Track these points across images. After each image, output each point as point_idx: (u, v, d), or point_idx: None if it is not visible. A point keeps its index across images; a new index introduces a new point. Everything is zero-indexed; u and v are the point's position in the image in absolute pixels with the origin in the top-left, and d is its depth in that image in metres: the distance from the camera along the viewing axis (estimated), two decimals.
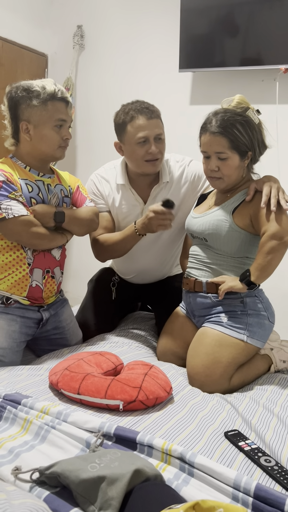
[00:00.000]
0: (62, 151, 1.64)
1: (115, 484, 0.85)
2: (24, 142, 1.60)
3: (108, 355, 1.48)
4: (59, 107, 1.57)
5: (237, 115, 1.53)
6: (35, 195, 1.60)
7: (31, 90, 1.54)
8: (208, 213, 1.65)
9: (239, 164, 1.57)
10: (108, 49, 3.29)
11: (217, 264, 1.63)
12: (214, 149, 1.55)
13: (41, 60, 3.44)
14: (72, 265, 3.46)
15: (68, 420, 1.12)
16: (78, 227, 1.69)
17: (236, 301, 1.60)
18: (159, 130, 1.73)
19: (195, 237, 1.71)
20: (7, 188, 1.51)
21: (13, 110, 1.57)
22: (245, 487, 0.92)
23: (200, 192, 1.87)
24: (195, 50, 2.81)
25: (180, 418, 1.23)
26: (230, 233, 1.58)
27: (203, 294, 1.65)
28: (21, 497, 0.69)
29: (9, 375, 1.43)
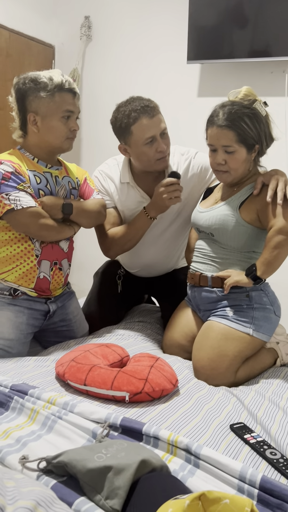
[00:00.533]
0: (69, 142, 1.63)
1: (122, 474, 0.86)
2: (32, 134, 1.60)
3: (115, 347, 1.48)
4: (67, 98, 1.56)
5: (244, 107, 1.51)
6: (43, 187, 1.60)
7: (39, 81, 1.53)
8: (215, 208, 1.64)
9: (246, 157, 1.56)
10: (115, 40, 3.27)
11: (223, 259, 1.63)
12: (221, 142, 1.53)
13: (48, 51, 3.43)
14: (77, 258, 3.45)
15: (74, 411, 1.13)
16: (85, 219, 1.69)
17: (242, 295, 1.59)
18: (163, 124, 1.71)
19: (201, 232, 1.71)
20: (15, 180, 1.51)
21: (21, 102, 1.57)
22: (250, 479, 0.93)
23: (207, 183, 1.85)
24: (204, 41, 2.79)
25: (186, 410, 1.24)
26: (236, 228, 1.57)
27: (208, 288, 1.65)
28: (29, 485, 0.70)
29: (16, 366, 1.45)
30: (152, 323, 2.01)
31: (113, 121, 1.74)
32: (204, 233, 1.69)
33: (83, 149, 3.47)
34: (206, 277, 1.65)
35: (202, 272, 1.67)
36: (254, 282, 1.52)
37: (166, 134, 1.73)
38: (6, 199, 1.49)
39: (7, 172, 1.50)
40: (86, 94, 3.42)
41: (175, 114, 3.02)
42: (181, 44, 2.90)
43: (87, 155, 3.45)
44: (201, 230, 1.70)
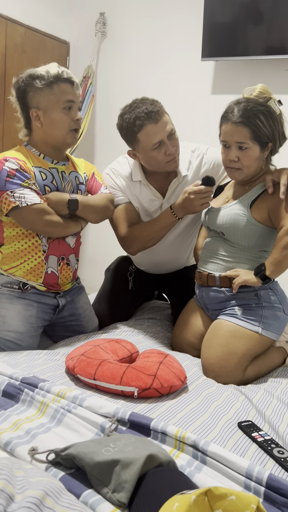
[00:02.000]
0: (73, 135, 1.62)
1: (129, 468, 0.87)
2: (37, 130, 1.60)
3: (124, 343, 1.49)
4: (65, 88, 1.56)
5: (259, 105, 1.51)
6: (49, 183, 1.61)
7: (35, 75, 1.54)
8: (226, 207, 1.64)
9: (259, 155, 1.55)
10: (130, 37, 3.26)
11: (233, 257, 1.62)
12: (235, 139, 1.53)
13: (63, 47, 3.44)
14: (88, 253, 3.48)
15: (83, 405, 1.14)
16: (92, 214, 1.68)
17: (250, 294, 1.59)
18: (170, 126, 1.68)
19: (211, 230, 1.70)
20: (20, 177, 1.52)
21: (22, 100, 1.58)
22: (257, 477, 0.93)
23: (220, 179, 1.84)
24: (218, 38, 2.77)
25: (194, 407, 1.24)
26: (248, 227, 1.56)
27: (217, 288, 1.65)
28: (38, 475, 0.71)
29: (26, 359, 1.46)
30: (162, 320, 2.01)
31: (119, 128, 1.74)
32: (214, 232, 1.68)
33: (97, 145, 3.48)
34: (214, 277, 1.64)
35: (209, 272, 1.66)
36: (263, 282, 1.52)
37: (173, 135, 1.71)
38: (11, 197, 1.51)
39: (12, 170, 1.51)
40: (100, 91, 3.42)
41: (189, 111, 3.01)
42: (196, 41, 2.89)
43: (101, 152, 3.46)
44: (211, 229, 1.69)
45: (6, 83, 2.97)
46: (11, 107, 1.66)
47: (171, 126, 1.69)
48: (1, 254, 1.63)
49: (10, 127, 2.96)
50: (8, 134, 3.02)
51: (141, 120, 1.64)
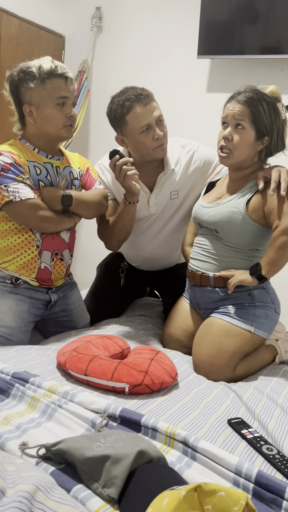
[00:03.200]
0: (68, 130, 1.61)
1: (119, 463, 0.87)
2: (30, 125, 1.59)
3: (116, 339, 1.49)
4: (58, 84, 1.53)
5: (267, 96, 1.52)
6: (43, 178, 1.60)
7: (28, 71, 1.51)
8: (221, 203, 1.62)
9: (253, 143, 1.54)
10: (126, 32, 3.25)
11: (225, 256, 1.62)
12: (235, 115, 1.52)
13: (59, 41, 3.41)
14: (80, 249, 3.48)
15: (74, 400, 1.14)
16: (86, 210, 1.68)
17: (244, 293, 1.60)
18: (158, 112, 1.69)
19: (203, 227, 1.68)
20: (14, 171, 1.51)
21: (15, 94, 1.56)
22: (246, 473, 0.94)
23: (209, 178, 1.84)
24: (215, 36, 2.77)
25: (185, 404, 1.25)
26: (242, 225, 1.56)
27: (210, 288, 1.65)
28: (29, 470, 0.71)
29: (17, 354, 1.46)
30: (153, 317, 2.02)
31: (108, 113, 1.75)
32: (206, 229, 1.67)
33: (91, 140, 3.46)
34: (207, 277, 1.64)
35: (203, 271, 1.66)
36: (259, 282, 1.53)
37: (162, 121, 1.71)
38: (5, 191, 1.49)
39: (6, 164, 1.50)
40: (95, 86, 3.41)
41: (184, 108, 3.01)
42: (192, 39, 2.89)
43: (95, 146, 3.44)
44: (203, 226, 1.68)
45: (0, 76, 2.95)
46: (4, 101, 1.64)
47: (159, 112, 1.69)
48: None
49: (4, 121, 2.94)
50: (2, 128, 2.99)
51: (130, 102, 1.65)
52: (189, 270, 1.73)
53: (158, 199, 1.83)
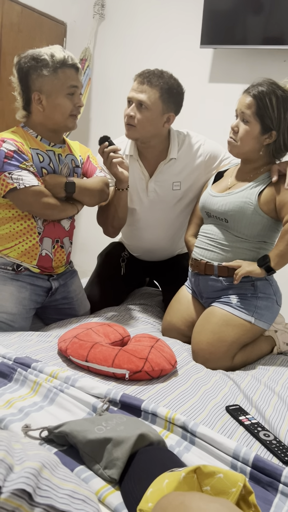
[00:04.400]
0: (73, 120, 1.62)
1: (121, 446, 0.89)
2: (37, 113, 1.59)
3: (116, 327, 1.51)
4: (70, 74, 1.55)
5: (280, 89, 1.51)
6: (46, 165, 1.61)
7: (40, 58, 1.51)
8: (232, 193, 1.62)
9: (258, 136, 1.54)
10: (128, 20, 3.22)
11: (232, 247, 1.62)
12: (242, 108, 1.53)
13: (60, 28, 3.38)
14: (80, 239, 3.48)
15: (76, 385, 1.16)
16: (88, 197, 1.69)
17: (247, 284, 1.61)
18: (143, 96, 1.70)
19: (211, 216, 1.68)
20: (18, 158, 1.51)
21: (24, 81, 1.55)
22: (244, 457, 0.96)
23: (212, 172, 1.85)
24: (218, 26, 2.75)
25: (184, 391, 1.27)
26: (253, 216, 1.56)
27: (214, 277, 1.66)
28: (35, 448, 0.73)
29: (19, 340, 1.48)
30: (153, 306, 2.03)
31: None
32: (215, 218, 1.66)
33: (92, 128, 3.45)
34: (212, 266, 1.65)
35: (207, 260, 1.67)
36: (267, 274, 1.54)
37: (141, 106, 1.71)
38: (9, 178, 1.50)
39: (10, 151, 1.50)
40: (97, 74, 3.39)
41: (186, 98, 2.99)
42: (195, 28, 2.87)
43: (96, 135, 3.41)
44: (212, 215, 1.67)
45: (1, 63, 2.93)
46: (6, 88, 1.63)
47: (144, 97, 1.69)
48: None
49: (5, 108, 2.93)
50: (3, 115, 2.98)
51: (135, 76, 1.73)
52: (193, 258, 1.74)
53: (157, 186, 1.84)
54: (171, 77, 1.75)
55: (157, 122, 1.73)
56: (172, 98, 1.73)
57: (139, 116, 1.71)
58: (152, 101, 1.69)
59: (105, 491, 0.84)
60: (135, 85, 1.72)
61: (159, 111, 1.71)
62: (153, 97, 1.69)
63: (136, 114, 1.71)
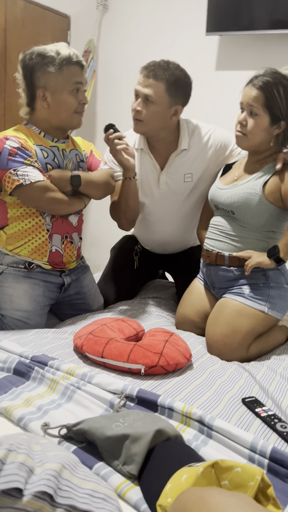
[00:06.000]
0: (78, 117, 1.63)
1: (138, 441, 0.90)
2: (41, 110, 1.59)
3: (130, 322, 1.52)
4: (75, 71, 1.55)
5: (285, 79, 1.49)
6: (50, 161, 1.61)
7: (46, 55, 1.51)
8: (237, 185, 1.62)
9: (267, 128, 1.53)
10: (132, 10, 3.19)
11: (242, 237, 1.62)
12: (249, 101, 1.51)
13: (64, 21, 3.36)
14: (91, 233, 3.50)
15: (92, 382, 1.17)
16: (95, 190, 1.69)
17: (259, 274, 1.60)
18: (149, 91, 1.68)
19: (219, 209, 1.69)
20: (22, 155, 1.52)
21: (29, 78, 1.56)
22: (261, 450, 0.97)
23: (224, 161, 1.84)
24: (223, 12, 2.71)
25: (199, 384, 1.28)
26: (259, 207, 1.56)
27: (225, 267, 1.66)
28: (54, 449, 0.75)
29: (35, 338, 1.50)
30: (166, 299, 2.04)
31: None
32: (223, 211, 1.67)
33: (98, 121, 3.44)
34: (223, 256, 1.65)
35: (218, 250, 1.67)
36: (277, 264, 1.53)
37: (148, 100, 1.69)
38: (14, 175, 1.51)
39: (14, 148, 1.51)
40: (102, 66, 3.37)
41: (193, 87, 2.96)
42: (200, 16, 2.83)
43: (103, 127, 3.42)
44: (220, 207, 1.68)
45: (6, 58, 2.93)
46: (12, 84, 1.63)
47: (150, 91, 1.67)
48: (5, 235, 1.65)
49: (12, 104, 2.93)
50: (10, 111, 2.99)
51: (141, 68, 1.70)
52: (204, 249, 1.75)
53: (169, 178, 1.84)
54: (178, 68, 1.71)
55: (164, 116, 1.72)
56: (179, 90, 1.71)
57: (145, 110, 1.70)
58: (158, 95, 1.67)
59: (125, 487, 0.86)
60: (140, 78, 1.70)
61: (165, 105, 1.70)
62: (159, 91, 1.67)
63: (142, 108, 1.70)
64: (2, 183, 1.55)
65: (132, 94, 1.75)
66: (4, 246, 1.65)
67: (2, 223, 1.65)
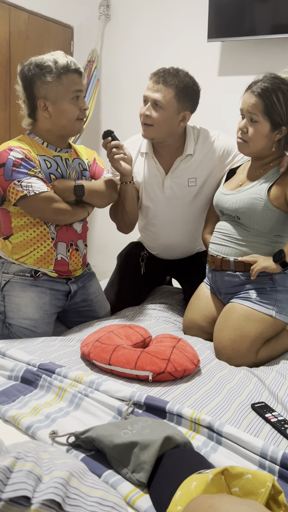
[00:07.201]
0: (80, 124, 1.64)
1: (147, 449, 0.90)
2: (43, 120, 1.60)
3: (137, 328, 1.52)
4: (74, 79, 1.56)
5: (284, 84, 1.49)
6: (54, 171, 1.62)
7: (44, 66, 1.52)
8: (242, 190, 1.62)
9: (268, 134, 1.53)
10: (134, 18, 3.22)
11: (247, 242, 1.62)
12: (249, 108, 1.52)
13: (67, 32, 3.40)
14: (98, 240, 3.50)
15: (100, 389, 1.17)
16: (98, 199, 1.70)
17: (265, 278, 1.59)
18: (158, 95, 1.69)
19: (225, 214, 1.69)
20: (26, 166, 1.53)
21: (29, 89, 1.57)
22: (272, 456, 0.95)
23: (227, 167, 1.85)
24: (224, 18, 2.72)
25: (208, 390, 1.27)
26: (264, 212, 1.55)
27: (231, 272, 1.65)
28: (62, 457, 0.74)
29: (42, 346, 1.49)
30: (173, 305, 2.03)
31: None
32: (228, 216, 1.67)
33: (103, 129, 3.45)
34: (228, 261, 1.64)
35: (223, 256, 1.67)
36: (283, 268, 1.52)
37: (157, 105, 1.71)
38: (18, 186, 1.52)
39: (18, 159, 1.52)
40: (105, 75, 3.39)
41: None
42: (202, 23, 2.84)
43: None
44: (225, 213, 1.68)
45: (11, 70, 2.96)
46: (17, 95, 1.65)
47: (159, 96, 1.69)
48: (10, 244, 1.65)
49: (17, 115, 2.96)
50: (15, 123, 3.01)
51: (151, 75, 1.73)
52: (209, 254, 1.74)
53: (173, 182, 1.85)
54: (187, 75, 1.74)
55: (172, 121, 1.74)
56: (187, 96, 1.72)
57: (154, 115, 1.71)
58: (167, 100, 1.69)
59: (134, 495, 0.85)
60: (150, 84, 1.72)
61: (174, 110, 1.72)
62: (168, 96, 1.69)
63: (151, 113, 1.72)
64: (6, 193, 1.56)
65: (135, 101, 1.77)
66: (10, 255, 1.66)
67: (7, 233, 1.66)
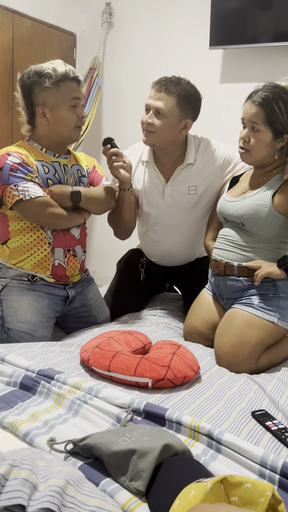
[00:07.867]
0: (78, 131, 1.65)
1: (146, 457, 0.89)
2: (41, 126, 1.62)
3: (137, 334, 1.51)
4: (72, 87, 1.58)
5: (285, 93, 1.50)
6: (51, 176, 1.63)
7: (43, 73, 1.55)
8: (246, 197, 1.62)
9: (271, 142, 1.54)
10: (137, 26, 3.24)
11: (251, 247, 1.61)
12: (250, 118, 1.52)
13: (70, 39, 3.42)
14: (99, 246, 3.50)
15: (99, 396, 1.16)
16: (95, 205, 1.71)
17: (268, 284, 1.59)
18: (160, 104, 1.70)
19: (229, 221, 1.68)
20: (23, 170, 1.54)
21: (28, 96, 1.59)
22: (272, 465, 0.94)
23: (227, 175, 1.85)
24: (226, 26, 2.74)
25: (208, 397, 1.26)
26: (269, 218, 1.55)
27: (234, 277, 1.64)
28: (59, 465, 0.74)
29: (42, 351, 1.49)
30: (173, 311, 2.03)
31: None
32: (232, 223, 1.67)
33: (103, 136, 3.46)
34: (232, 266, 1.64)
35: (227, 260, 1.66)
36: (287, 274, 1.52)
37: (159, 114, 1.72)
38: (15, 190, 1.53)
39: (15, 163, 1.54)
40: (107, 82, 3.41)
41: None
42: (204, 30, 2.86)
43: None
44: (229, 220, 1.68)
45: (14, 77, 2.98)
46: None
47: (161, 105, 1.70)
48: (8, 250, 1.66)
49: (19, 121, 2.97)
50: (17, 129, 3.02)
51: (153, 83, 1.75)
52: (213, 259, 1.74)
53: (174, 190, 1.85)
54: (188, 84, 1.75)
55: (174, 129, 1.75)
56: (189, 104, 1.74)
57: (157, 122, 1.72)
58: (169, 108, 1.70)
59: (132, 504, 0.84)
60: (152, 92, 1.74)
61: (176, 118, 1.73)
62: (170, 104, 1.70)
63: (154, 121, 1.73)
64: (3, 197, 1.57)
65: (136, 109, 1.78)
66: (7, 260, 1.66)
67: (4, 237, 1.67)
